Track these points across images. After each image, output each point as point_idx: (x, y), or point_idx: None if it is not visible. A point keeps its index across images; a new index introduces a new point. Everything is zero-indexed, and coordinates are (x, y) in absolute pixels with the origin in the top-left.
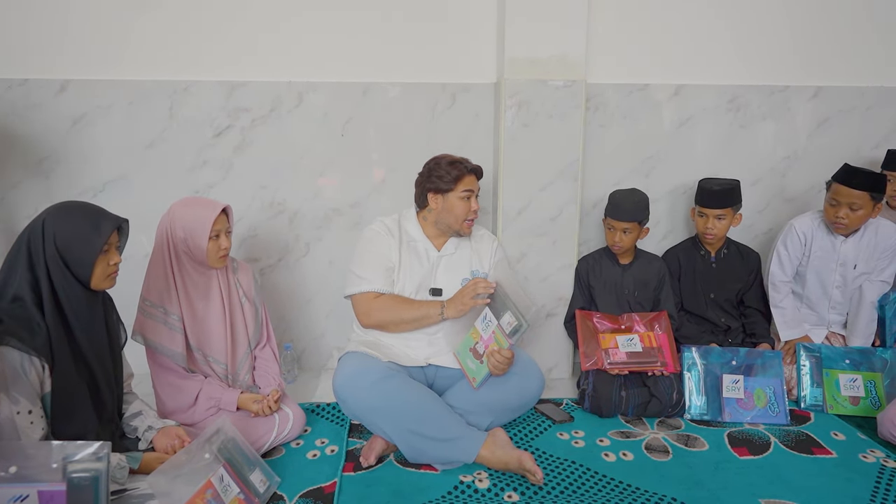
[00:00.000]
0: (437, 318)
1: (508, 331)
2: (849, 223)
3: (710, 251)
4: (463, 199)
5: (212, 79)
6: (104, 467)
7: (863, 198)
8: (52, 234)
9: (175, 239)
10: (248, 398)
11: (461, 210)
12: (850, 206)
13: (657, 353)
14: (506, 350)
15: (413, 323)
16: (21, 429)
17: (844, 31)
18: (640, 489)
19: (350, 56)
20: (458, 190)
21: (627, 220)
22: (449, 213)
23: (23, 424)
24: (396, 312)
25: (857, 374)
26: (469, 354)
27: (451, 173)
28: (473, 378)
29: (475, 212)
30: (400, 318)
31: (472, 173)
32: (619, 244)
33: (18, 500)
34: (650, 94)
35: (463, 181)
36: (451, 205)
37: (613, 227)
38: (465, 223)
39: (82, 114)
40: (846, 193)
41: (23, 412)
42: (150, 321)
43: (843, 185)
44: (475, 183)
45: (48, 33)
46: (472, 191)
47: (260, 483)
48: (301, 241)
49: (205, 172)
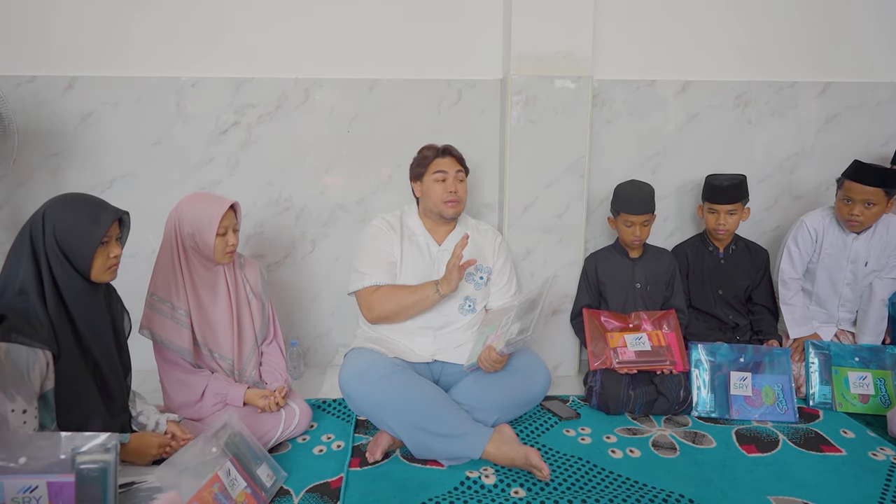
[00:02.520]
0: (435, 296)
1: (508, 338)
2: (864, 220)
3: (719, 247)
4: (437, 180)
5: (218, 75)
6: (112, 459)
7: (877, 194)
8: (51, 226)
9: (183, 234)
10: (254, 393)
11: (437, 191)
12: (864, 203)
13: (666, 351)
14: (495, 353)
15: (413, 307)
16: (13, 427)
17: (854, 26)
18: (647, 486)
19: (356, 53)
20: (430, 172)
21: (645, 213)
22: (428, 198)
23: (15, 423)
24: (395, 300)
25: (867, 372)
26: (482, 341)
27: (424, 157)
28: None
29: (453, 193)
30: (399, 305)
31: (445, 154)
32: (638, 238)
33: (28, 490)
34: (657, 91)
35: (434, 162)
36: (427, 188)
37: (632, 222)
38: (444, 205)
39: (90, 111)
40: (860, 190)
41: (17, 410)
42: (158, 316)
43: (856, 183)
44: (450, 164)
45: (56, 31)
46: (446, 171)
47: (267, 477)
48: (307, 238)
49: (211, 169)
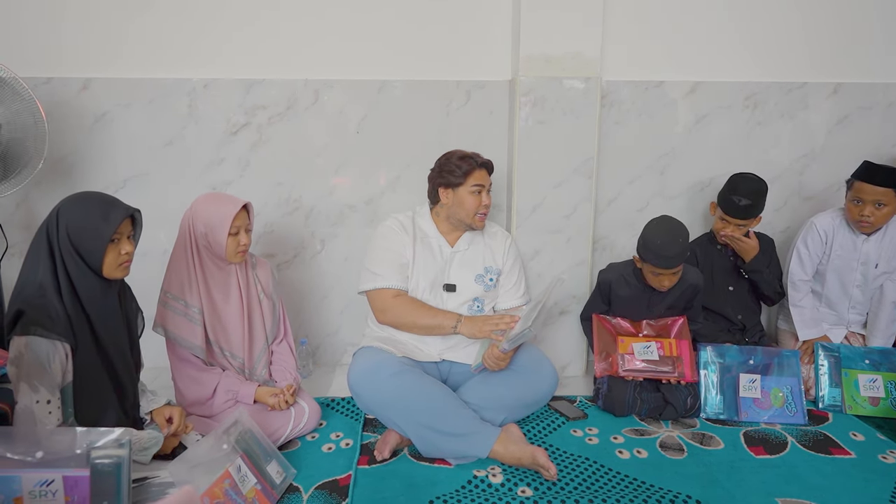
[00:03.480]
0: (450, 330)
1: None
2: (874, 221)
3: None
4: (473, 193)
5: (229, 77)
6: (126, 454)
7: (888, 194)
8: (65, 224)
9: (196, 233)
10: (265, 391)
11: (472, 204)
12: (874, 204)
13: (676, 361)
14: (498, 350)
15: (426, 329)
16: (39, 418)
17: (865, 26)
18: (654, 486)
19: (365, 54)
20: (468, 184)
21: (678, 266)
22: (460, 208)
23: (41, 413)
24: (412, 317)
25: (877, 375)
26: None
27: (461, 168)
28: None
29: (486, 206)
30: (414, 323)
31: (483, 168)
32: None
33: (44, 484)
34: (665, 92)
35: (473, 175)
36: (461, 199)
37: (661, 273)
38: (476, 217)
39: (104, 111)
40: (870, 191)
41: (42, 401)
42: (171, 313)
43: (866, 183)
44: (486, 177)
45: (71, 33)
46: (483, 185)
47: (276, 474)
48: (317, 238)
49: (222, 169)
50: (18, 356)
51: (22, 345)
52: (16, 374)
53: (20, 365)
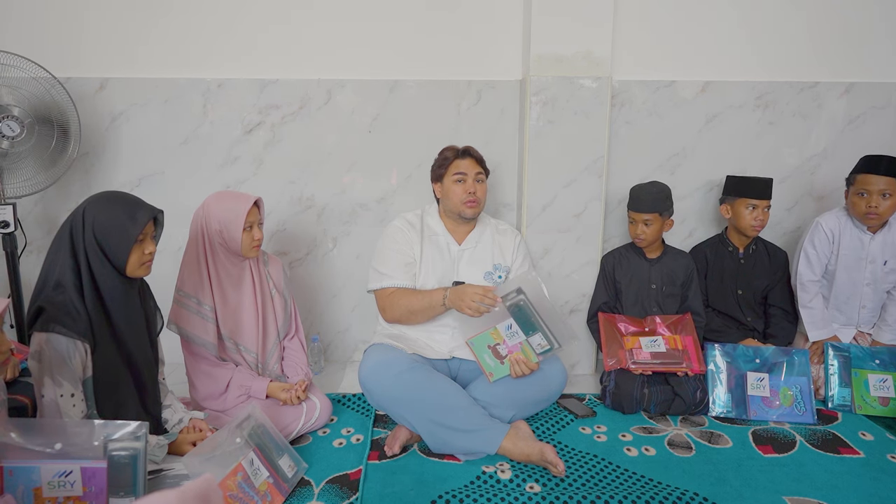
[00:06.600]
0: (440, 306)
1: (540, 351)
2: (882, 212)
3: (739, 247)
4: (456, 181)
5: (244, 77)
6: (143, 446)
7: (891, 184)
8: (91, 223)
9: (210, 231)
10: (276, 387)
11: (457, 193)
12: (880, 195)
13: (682, 354)
14: (533, 364)
15: (422, 313)
16: (64, 411)
17: (877, 26)
18: (661, 483)
19: (377, 54)
20: (450, 174)
21: (647, 212)
22: (448, 199)
23: (65, 407)
24: (405, 304)
25: (888, 375)
26: (488, 351)
27: (441, 159)
28: (491, 373)
29: (472, 193)
30: (408, 309)
31: (461, 156)
32: (640, 236)
33: (63, 475)
34: (676, 91)
35: (453, 164)
36: (447, 189)
37: (634, 219)
38: (463, 205)
39: (120, 111)
40: (875, 181)
41: (66, 395)
42: (185, 311)
43: (870, 174)
44: (470, 165)
45: (89, 34)
46: (466, 173)
47: (288, 468)
48: (329, 236)
49: (236, 168)
50: (39, 351)
51: (43, 340)
52: (38, 368)
53: (42, 360)
